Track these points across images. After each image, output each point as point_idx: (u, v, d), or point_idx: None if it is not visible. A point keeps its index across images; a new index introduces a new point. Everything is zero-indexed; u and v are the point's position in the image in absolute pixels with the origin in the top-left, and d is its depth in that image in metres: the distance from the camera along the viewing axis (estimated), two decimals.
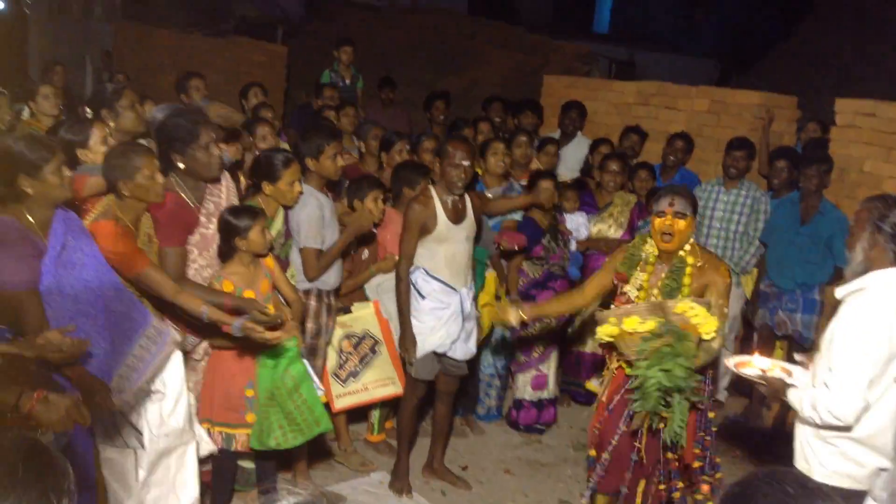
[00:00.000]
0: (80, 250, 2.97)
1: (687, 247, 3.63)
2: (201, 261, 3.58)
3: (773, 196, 5.70)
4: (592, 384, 5.57)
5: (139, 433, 3.22)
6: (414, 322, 4.20)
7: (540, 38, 12.59)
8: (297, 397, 3.65)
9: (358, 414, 4.90)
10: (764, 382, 3.13)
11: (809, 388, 2.95)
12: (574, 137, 6.83)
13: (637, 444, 3.62)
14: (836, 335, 2.85)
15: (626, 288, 3.71)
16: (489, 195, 5.00)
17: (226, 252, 3.71)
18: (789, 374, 3.14)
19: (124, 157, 3.20)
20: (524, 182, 5.27)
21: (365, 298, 4.62)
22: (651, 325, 3.37)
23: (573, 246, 5.42)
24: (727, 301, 3.59)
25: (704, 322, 3.37)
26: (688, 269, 3.58)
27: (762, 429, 5.31)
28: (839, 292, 2.96)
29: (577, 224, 5.50)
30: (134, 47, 11.14)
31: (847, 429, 2.86)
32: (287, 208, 4.07)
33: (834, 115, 5.96)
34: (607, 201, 5.65)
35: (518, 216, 5.08)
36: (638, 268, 3.70)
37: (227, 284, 3.60)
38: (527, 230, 5.00)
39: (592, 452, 3.83)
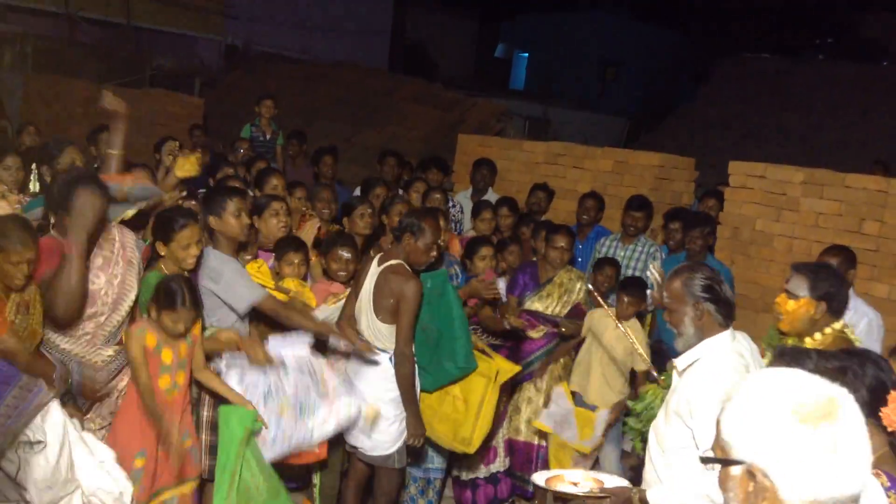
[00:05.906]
0: None
1: (818, 335, 3.21)
2: (91, 310, 3.37)
3: (669, 254, 5.88)
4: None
5: (24, 489, 3.11)
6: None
7: (457, 95, 12.91)
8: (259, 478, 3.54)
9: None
10: (607, 495, 2.69)
11: (683, 481, 2.64)
12: (485, 194, 7.04)
13: None
14: (696, 409, 2.71)
15: None
16: None
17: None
18: (601, 483, 2.79)
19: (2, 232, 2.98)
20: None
21: None
22: None
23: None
24: None
25: None
26: None
27: None
28: (680, 364, 2.89)
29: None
30: (45, 98, 10.96)
31: None
32: (192, 273, 3.74)
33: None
34: (549, 276, 5.09)
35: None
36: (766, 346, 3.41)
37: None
38: None
39: None
